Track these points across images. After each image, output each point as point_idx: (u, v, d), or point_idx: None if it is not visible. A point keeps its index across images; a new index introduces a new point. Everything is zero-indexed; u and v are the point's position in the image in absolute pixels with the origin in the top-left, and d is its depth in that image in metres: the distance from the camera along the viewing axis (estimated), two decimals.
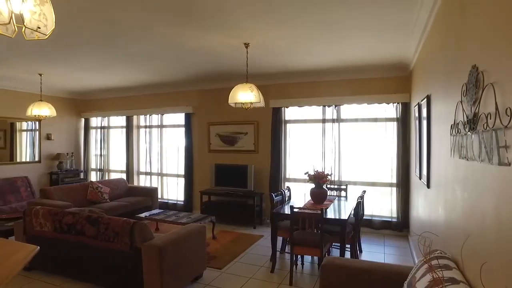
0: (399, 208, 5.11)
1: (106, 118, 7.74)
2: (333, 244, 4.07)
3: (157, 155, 7.10)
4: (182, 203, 6.68)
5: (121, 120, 7.56)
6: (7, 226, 4.04)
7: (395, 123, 5.13)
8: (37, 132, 7.11)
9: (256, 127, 6.02)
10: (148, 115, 7.14)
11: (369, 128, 5.38)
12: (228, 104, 4.06)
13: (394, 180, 5.17)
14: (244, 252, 4.36)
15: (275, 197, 4.08)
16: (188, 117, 6.60)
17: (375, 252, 4.40)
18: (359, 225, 4.21)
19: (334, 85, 5.45)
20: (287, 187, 4.80)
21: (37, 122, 7.02)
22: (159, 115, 7.03)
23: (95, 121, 7.96)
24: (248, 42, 3.75)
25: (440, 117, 2.45)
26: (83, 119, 8.00)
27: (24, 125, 6.94)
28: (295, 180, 5.81)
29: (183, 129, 6.68)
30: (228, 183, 5.93)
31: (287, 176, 5.87)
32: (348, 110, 5.47)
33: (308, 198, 4.44)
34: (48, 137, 7.30)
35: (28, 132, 7.03)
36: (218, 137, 6.35)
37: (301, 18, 3.05)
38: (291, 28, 3.32)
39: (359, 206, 4.04)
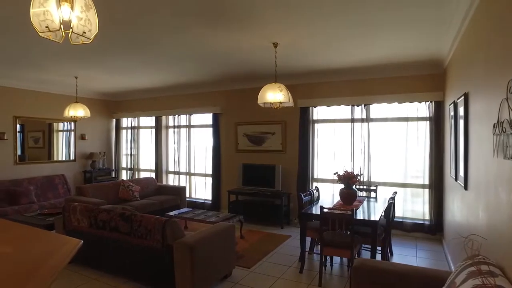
0: (432, 211, 4.93)
1: (136, 118, 7.98)
2: (363, 246, 4.00)
3: (185, 155, 7.24)
4: (209, 202, 6.78)
5: (150, 121, 7.78)
6: (49, 221, 4.27)
7: (428, 122, 4.96)
8: (72, 132, 7.45)
9: (283, 127, 6.01)
10: (176, 116, 7.30)
11: (400, 128, 5.24)
12: (255, 104, 4.08)
13: (427, 181, 5.00)
14: (272, 252, 4.36)
15: (303, 197, 4.05)
16: (215, 117, 6.68)
17: (406, 256, 4.27)
18: (390, 227, 4.11)
19: (363, 84, 5.34)
20: (316, 187, 4.75)
21: (72, 123, 7.36)
22: (187, 115, 7.16)
23: (125, 122, 8.23)
24: (277, 42, 3.76)
25: (480, 116, 2.34)
26: (114, 120, 8.30)
27: (61, 125, 7.28)
28: (323, 181, 5.75)
29: (211, 129, 6.77)
30: (255, 183, 5.96)
31: (315, 176, 5.81)
32: (378, 109, 5.34)
33: (337, 198, 4.39)
34: (82, 137, 7.62)
35: (64, 132, 7.37)
36: (245, 137, 6.40)
37: (332, 18, 3.01)
38: (321, 27, 3.29)
39: (391, 207, 3.95)
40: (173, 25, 3.24)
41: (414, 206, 5.22)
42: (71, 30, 1.61)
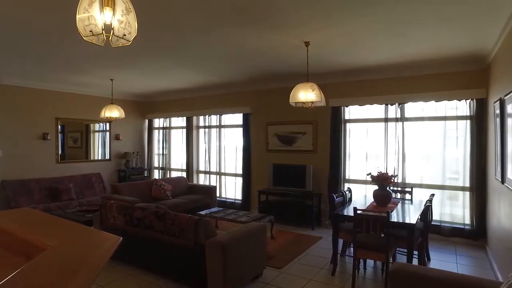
0: (474, 215, 4.65)
1: (168, 119, 8.18)
2: (397, 249, 3.86)
3: (215, 155, 7.32)
4: (240, 202, 6.81)
5: (181, 121, 7.95)
6: (87, 217, 4.47)
7: (468, 121, 4.70)
8: (108, 132, 7.75)
9: (314, 126, 5.92)
10: (207, 116, 7.40)
11: (437, 127, 5.00)
12: (286, 103, 4.04)
13: (467, 184, 4.74)
14: (303, 253, 4.31)
15: (336, 198, 3.97)
16: (246, 117, 6.70)
17: (445, 261, 4.07)
18: (428, 230, 3.93)
19: (397, 82, 5.16)
20: (348, 188, 4.65)
21: (107, 124, 7.67)
22: (218, 115, 7.24)
23: (157, 122, 8.46)
24: (308, 41, 3.70)
25: None
26: (147, 120, 8.55)
27: (97, 126, 7.60)
28: (354, 181, 5.61)
29: (241, 129, 6.80)
30: (286, 183, 5.91)
31: (346, 177, 5.69)
32: (413, 108, 5.13)
33: (370, 200, 4.28)
34: (117, 137, 7.92)
35: (100, 133, 7.69)
36: (276, 137, 6.37)
37: (366, 14, 2.92)
38: (354, 25, 3.20)
39: (428, 210, 3.78)
40: (204, 25, 3.27)
41: (453, 210, 4.96)
42: (112, 33, 1.66)
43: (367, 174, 4.11)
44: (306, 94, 3.71)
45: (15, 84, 6.02)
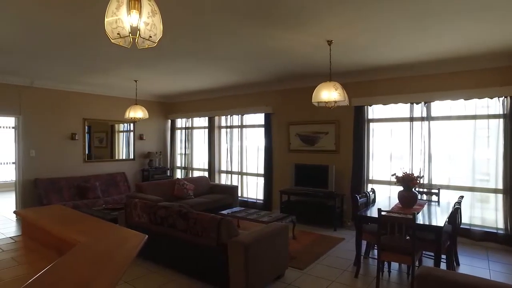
0: (508, 218, 4.43)
1: (190, 119, 8.30)
2: (423, 253, 3.73)
3: (237, 155, 7.36)
4: (261, 202, 6.81)
5: (203, 121, 8.04)
6: (113, 215, 4.59)
7: (502, 120, 4.48)
8: (132, 132, 7.95)
9: (337, 126, 5.84)
10: (229, 116, 7.44)
11: (466, 127, 4.80)
12: (308, 103, 4.00)
13: (500, 186, 4.52)
14: (326, 254, 4.25)
15: (359, 198, 3.89)
16: (268, 117, 6.69)
17: (476, 267, 3.89)
18: (456, 234, 3.78)
19: (423, 80, 4.99)
20: (372, 188, 4.55)
21: (131, 124, 7.86)
22: (240, 115, 7.26)
23: (180, 122, 8.59)
24: (331, 39, 3.65)
25: None
26: (169, 121, 8.71)
27: (121, 126, 7.81)
28: (378, 182, 5.48)
29: (263, 129, 6.79)
30: (308, 183, 5.85)
31: (370, 178, 5.57)
32: (440, 107, 4.95)
33: (394, 201, 4.17)
34: (141, 137, 8.10)
35: (124, 133, 7.89)
36: (298, 137, 6.33)
37: (392, 10, 2.85)
38: (378, 22, 3.13)
39: (457, 212, 3.64)
40: (228, 26, 3.29)
41: (484, 213, 4.75)
42: (138, 35, 1.70)
43: (392, 175, 4.01)
44: (329, 93, 3.66)
45: (46, 86, 6.29)
